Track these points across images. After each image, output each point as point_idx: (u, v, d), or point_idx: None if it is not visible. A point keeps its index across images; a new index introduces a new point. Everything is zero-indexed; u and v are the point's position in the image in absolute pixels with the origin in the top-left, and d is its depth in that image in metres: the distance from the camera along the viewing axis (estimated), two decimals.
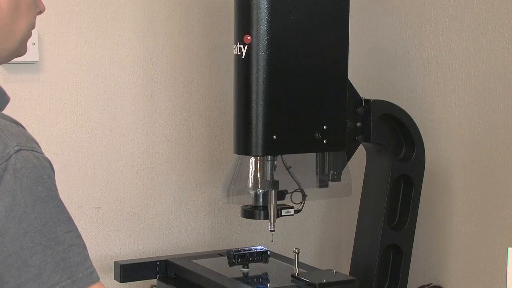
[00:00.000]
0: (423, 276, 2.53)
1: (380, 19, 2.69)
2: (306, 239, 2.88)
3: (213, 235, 2.75)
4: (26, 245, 1.29)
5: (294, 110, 2.16)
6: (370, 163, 2.46)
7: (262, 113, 2.12)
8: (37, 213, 1.30)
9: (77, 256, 1.34)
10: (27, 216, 1.29)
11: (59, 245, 1.32)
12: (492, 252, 2.33)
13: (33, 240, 1.29)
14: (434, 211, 2.51)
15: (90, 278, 1.34)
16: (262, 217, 2.23)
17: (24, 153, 1.31)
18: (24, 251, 1.29)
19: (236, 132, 2.17)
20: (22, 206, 1.29)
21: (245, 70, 2.13)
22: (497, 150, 2.32)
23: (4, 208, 1.28)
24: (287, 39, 2.13)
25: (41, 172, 1.32)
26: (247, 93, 2.13)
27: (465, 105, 2.41)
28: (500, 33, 2.30)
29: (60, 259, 1.31)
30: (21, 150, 1.31)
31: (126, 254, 2.59)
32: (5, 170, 1.29)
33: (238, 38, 2.14)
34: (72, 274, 1.32)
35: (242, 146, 2.17)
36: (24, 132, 1.37)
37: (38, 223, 1.30)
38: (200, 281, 2.26)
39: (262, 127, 2.12)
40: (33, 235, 1.29)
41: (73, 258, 1.34)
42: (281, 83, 2.13)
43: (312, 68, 2.17)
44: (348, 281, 2.20)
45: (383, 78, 2.69)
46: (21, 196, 1.29)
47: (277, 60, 2.12)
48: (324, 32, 2.18)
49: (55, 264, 1.31)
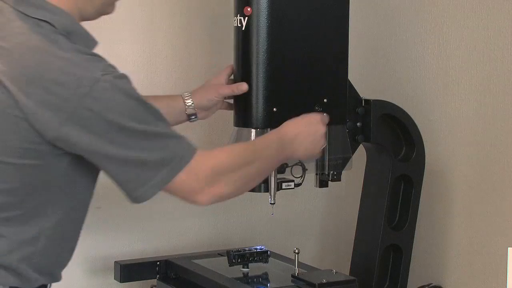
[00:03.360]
0: (423, 276, 2.53)
1: (380, 19, 2.69)
2: (306, 239, 2.88)
3: (213, 235, 2.75)
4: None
5: (294, 82, 2.14)
6: (370, 163, 2.46)
7: (262, 85, 2.11)
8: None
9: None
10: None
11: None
12: (492, 252, 2.33)
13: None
14: (434, 211, 2.51)
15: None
16: (262, 189, 2.21)
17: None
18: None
19: (236, 104, 2.16)
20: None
21: (245, 42, 2.12)
22: (497, 150, 2.32)
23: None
24: (288, 11, 2.11)
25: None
26: (247, 66, 2.12)
27: (465, 105, 2.41)
28: (500, 33, 2.30)
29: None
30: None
31: (126, 254, 2.59)
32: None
33: (238, 10, 2.12)
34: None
35: (242, 118, 2.16)
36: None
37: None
38: (200, 281, 2.26)
39: (262, 99, 2.11)
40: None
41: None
42: (281, 55, 2.12)
43: (312, 40, 2.15)
44: (348, 281, 2.20)
45: (383, 78, 2.69)
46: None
47: (277, 32, 2.10)
48: (325, 4, 2.16)
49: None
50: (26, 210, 1.70)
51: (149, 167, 1.67)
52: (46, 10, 1.69)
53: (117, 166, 1.67)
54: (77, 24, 1.73)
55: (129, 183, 1.69)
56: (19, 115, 1.62)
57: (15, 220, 1.70)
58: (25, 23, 1.66)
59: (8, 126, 1.63)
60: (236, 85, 2.11)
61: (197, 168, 1.71)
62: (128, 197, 1.73)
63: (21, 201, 1.69)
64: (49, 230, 1.74)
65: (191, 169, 1.70)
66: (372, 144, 2.37)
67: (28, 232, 1.72)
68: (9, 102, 1.62)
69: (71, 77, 1.60)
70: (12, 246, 1.71)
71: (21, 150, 1.64)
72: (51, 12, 1.69)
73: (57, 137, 1.63)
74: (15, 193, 1.68)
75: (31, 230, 1.72)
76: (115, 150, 1.65)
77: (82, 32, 1.74)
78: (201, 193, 1.75)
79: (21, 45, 1.63)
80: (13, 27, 1.66)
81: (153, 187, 1.69)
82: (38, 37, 1.64)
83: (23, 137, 1.63)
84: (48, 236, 1.74)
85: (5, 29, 1.67)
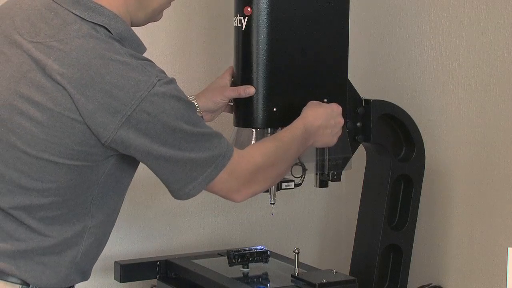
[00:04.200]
0: (423, 276, 2.53)
1: (380, 19, 2.69)
2: (306, 239, 2.88)
3: (213, 235, 2.75)
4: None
5: (294, 82, 2.14)
6: (370, 163, 2.46)
7: (262, 85, 2.10)
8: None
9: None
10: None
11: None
12: (492, 252, 2.33)
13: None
14: (434, 211, 2.51)
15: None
16: None
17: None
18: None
19: (236, 104, 2.15)
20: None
21: (245, 42, 2.12)
22: (497, 150, 2.32)
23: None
24: (288, 11, 2.11)
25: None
26: (247, 66, 2.12)
27: (465, 105, 2.41)
28: (500, 33, 2.30)
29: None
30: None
31: (126, 254, 2.59)
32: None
33: (238, 10, 2.12)
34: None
35: (242, 118, 2.16)
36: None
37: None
38: (200, 281, 2.26)
39: (262, 99, 2.11)
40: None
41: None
42: (281, 55, 2.11)
43: (312, 40, 2.15)
44: (348, 281, 2.20)
45: (383, 78, 2.69)
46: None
47: (277, 32, 2.10)
48: (325, 4, 2.16)
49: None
50: (71, 209, 1.74)
51: (197, 166, 1.74)
52: (102, 15, 1.72)
53: (167, 166, 1.73)
54: (130, 30, 1.77)
55: (178, 182, 1.76)
56: (77, 118, 1.65)
57: (60, 219, 1.74)
58: (82, 27, 1.68)
59: (64, 128, 1.66)
60: (243, 88, 2.11)
61: (236, 169, 1.79)
62: (173, 194, 1.80)
63: (67, 200, 1.72)
64: (92, 229, 1.79)
65: (231, 169, 1.78)
66: (372, 144, 2.37)
67: (73, 232, 1.76)
68: (67, 105, 1.64)
69: (130, 81, 1.64)
70: (57, 245, 1.74)
71: (74, 152, 1.68)
72: (108, 17, 1.72)
73: (114, 139, 1.66)
74: (62, 192, 1.71)
75: (75, 229, 1.76)
76: (168, 151, 1.70)
77: (135, 38, 1.78)
78: (238, 192, 1.83)
79: (79, 48, 1.66)
80: (70, 30, 1.68)
81: (200, 185, 1.76)
82: (95, 41, 1.67)
83: (78, 139, 1.66)
84: (91, 235, 1.79)
85: (62, 32, 1.68)
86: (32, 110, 1.66)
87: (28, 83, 1.67)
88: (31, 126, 1.66)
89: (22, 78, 1.68)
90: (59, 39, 1.67)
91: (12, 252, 1.72)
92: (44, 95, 1.65)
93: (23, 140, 1.67)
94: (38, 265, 1.74)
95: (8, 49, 1.72)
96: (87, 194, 1.75)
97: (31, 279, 1.73)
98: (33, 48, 1.68)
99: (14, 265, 1.72)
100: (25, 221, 1.72)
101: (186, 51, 2.67)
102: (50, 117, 1.65)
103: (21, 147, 1.68)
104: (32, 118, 1.66)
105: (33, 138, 1.67)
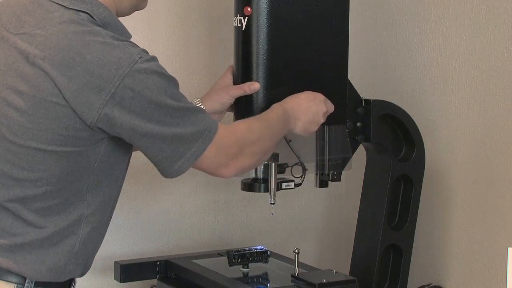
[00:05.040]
0: (423, 276, 2.53)
1: (380, 19, 2.70)
2: (306, 239, 2.88)
3: (213, 235, 2.75)
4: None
5: (294, 82, 2.13)
6: (370, 163, 2.46)
7: (262, 85, 2.10)
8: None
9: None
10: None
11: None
12: (492, 252, 2.33)
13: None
14: (434, 211, 2.51)
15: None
16: (262, 189, 2.21)
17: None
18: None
19: (237, 102, 2.15)
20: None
21: (245, 42, 2.11)
22: (497, 150, 2.32)
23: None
24: (288, 11, 2.11)
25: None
26: (247, 66, 2.12)
27: (465, 105, 2.41)
28: (500, 33, 2.30)
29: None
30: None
31: (126, 254, 2.59)
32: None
33: (238, 10, 2.12)
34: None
35: (242, 117, 2.15)
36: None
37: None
38: (200, 281, 2.26)
39: (262, 98, 2.10)
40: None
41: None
42: (281, 55, 2.11)
43: (312, 40, 2.15)
44: (348, 281, 2.20)
45: (383, 78, 2.69)
46: None
47: (277, 32, 2.10)
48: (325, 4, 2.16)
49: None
50: (66, 198, 1.75)
51: (184, 142, 1.75)
52: (84, 2, 1.75)
53: (154, 143, 1.73)
54: (114, 17, 1.80)
55: (166, 159, 1.76)
56: (60, 102, 1.66)
57: (56, 209, 1.75)
58: (64, 13, 1.71)
59: (48, 114, 1.67)
60: (248, 84, 2.11)
61: (223, 143, 1.80)
62: (163, 173, 1.80)
63: (61, 189, 1.74)
64: (89, 217, 1.79)
65: (218, 144, 1.78)
66: (372, 144, 2.37)
67: (69, 221, 1.77)
68: (50, 90, 1.66)
69: (112, 59, 1.66)
70: (54, 236, 1.75)
71: (61, 138, 1.69)
72: (90, 4, 1.75)
73: (99, 118, 1.67)
74: (55, 181, 1.72)
75: (71, 218, 1.77)
76: (154, 127, 1.71)
77: (118, 24, 1.81)
78: (226, 166, 1.83)
79: (59, 32, 1.68)
80: (52, 18, 1.71)
81: (188, 160, 1.76)
82: (76, 25, 1.69)
83: (63, 124, 1.68)
84: (88, 224, 1.79)
85: (44, 21, 1.71)
86: (17, 100, 1.68)
87: (13, 74, 1.70)
88: (17, 116, 1.68)
89: (8, 70, 1.71)
90: (41, 26, 1.70)
91: (10, 246, 1.73)
92: (27, 83, 1.67)
93: (11, 131, 1.69)
94: (37, 258, 1.74)
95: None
96: (82, 182, 1.75)
97: (30, 272, 1.74)
98: (18, 40, 1.71)
99: (13, 259, 1.73)
100: (21, 214, 1.73)
101: (186, 51, 2.67)
102: (33, 104, 1.67)
103: (9, 137, 1.70)
104: (18, 108, 1.68)
105: (20, 128, 1.68)
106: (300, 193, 2.82)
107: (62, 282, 1.81)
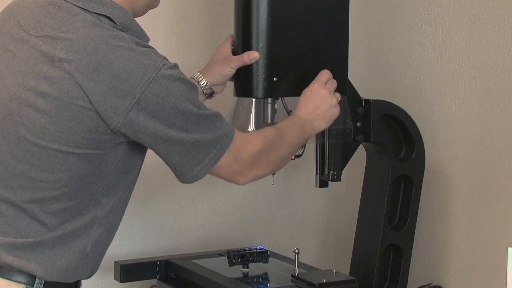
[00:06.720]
0: (423, 276, 2.53)
1: (380, 19, 2.69)
2: (306, 239, 2.88)
3: (213, 235, 2.75)
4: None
5: (295, 52, 2.13)
6: (370, 163, 2.46)
7: (262, 54, 2.09)
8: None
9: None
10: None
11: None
12: (492, 252, 2.33)
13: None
14: (434, 211, 2.51)
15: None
16: None
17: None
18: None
19: (237, 74, 2.14)
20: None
21: (245, 11, 2.10)
22: (497, 150, 2.32)
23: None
24: None
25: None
26: (247, 35, 2.11)
27: (465, 105, 2.41)
28: (500, 33, 2.30)
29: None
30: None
31: (126, 254, 2.59)
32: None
33: None
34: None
35: (242, 88, 2.15)
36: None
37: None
38: (200, 281, 2.26)
39: (262, 69, 2.10)
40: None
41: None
42: (282, 25, 2.10)
43: (314, 10, 2.14)
44: (348, 281, 2.20)
45: (383, 78, 2.69)
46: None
47: (278, 1, 2.09)
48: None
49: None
50: (82, 200, 1.76)
51: (203, 148, 1.77)
52: (105, 6, 1.76)
53: (176, 148, 1.76)
54: (133, 20, 1.81)
55: (186, 164, 1.78)
56: (85, 105, 1.67)
57: (71, 211, 1.76)
58: (87, 17, 1.72)
59: (72, 117, 1.68)
60: (247, 54, 2.10)
61: (240, 152, 1.84)
62: (181, 178, 1.82)
63: (78, 191, 1.75)
64: (102, 219, 1.81)
65: (235, 152, 1.82)
66: (372, 144, 2.37)
67: (83, 223, 1.78)
68: (75, 93, 1.67)
69: (138, 65, 1.68)
70: (67, 236, 1.76)
71: (83, 140, 1.70)
72: (110, 8, 1.76)
73: (123, 123, 1.69)
74: (73, 183, 1.73)
75: (85, 220, 1.78)
76: (176, 133, 1.73)
77: (138, 28, 1.82)
78: (242, 174, 1.88)
79: (85, 36, 1.69)
80: (75, 21, 1.72)
81: (206, 166, 1.79)
82: (100, 29, 1.71)
83: (86, 127, 1.69)
84: (101, 226, 1.81)
85: (67, 24, 1.72)
86: (40, 101, 1.68)
87: (35, 75, 1.70)
88: (40, 117, 1.69)
89: (29, 71, 1.71)
90: (65, 30, 1.71)
91: (22, 245, 1.74)
92: (51, 85, 1.68)
93: (32, 132, 1.70)
94: (49, 258, 1.75)
95: (14, 46, 1.75)
96: (98, 185, 1.77)
97: (42, 271, 1.74)
98: (40, 42, 1.71)
99: (25, 258, 1.74)
100: (37, 215, 1.73)
101: (186, 50, 2.66)
102: (57, 106, 1.67)
103: (30, 139, 1.70)
104: (40, 109, 1.68)
105: (42, 129, 1.69)
106: (300, 193, 2.82)
107: (70, 283, 1.81)
